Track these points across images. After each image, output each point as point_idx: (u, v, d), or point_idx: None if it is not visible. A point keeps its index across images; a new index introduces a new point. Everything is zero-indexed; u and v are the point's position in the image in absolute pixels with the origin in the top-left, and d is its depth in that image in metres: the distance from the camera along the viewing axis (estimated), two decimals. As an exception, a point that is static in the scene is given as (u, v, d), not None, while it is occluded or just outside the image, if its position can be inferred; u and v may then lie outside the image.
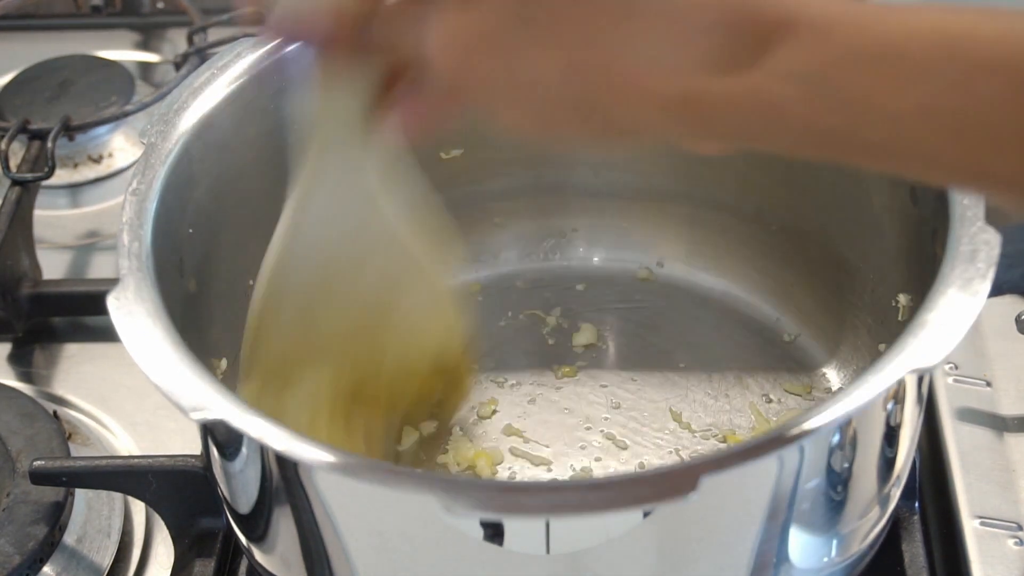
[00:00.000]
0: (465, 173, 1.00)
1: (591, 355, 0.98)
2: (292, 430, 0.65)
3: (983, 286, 0.68)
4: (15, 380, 1.02)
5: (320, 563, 0.73)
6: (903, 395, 0.73)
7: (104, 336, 1.02)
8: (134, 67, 1.29)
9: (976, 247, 0.70)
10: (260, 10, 0.68)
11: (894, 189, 0.83)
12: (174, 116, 0.83)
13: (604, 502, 0.62)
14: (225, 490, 0.78)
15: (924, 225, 0.78)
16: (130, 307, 0.71)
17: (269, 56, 0.88)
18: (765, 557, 0.71)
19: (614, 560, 0.68)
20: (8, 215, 1.03)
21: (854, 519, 0.76)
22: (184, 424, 0.92)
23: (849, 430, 0.70)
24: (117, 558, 0.88)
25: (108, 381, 1.01)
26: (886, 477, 0.76)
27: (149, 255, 0.75)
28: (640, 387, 0.95)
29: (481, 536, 0.66)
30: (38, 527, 0.85)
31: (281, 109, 0.90)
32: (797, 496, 0.70)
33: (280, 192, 0.92)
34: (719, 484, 0.64)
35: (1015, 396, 0.91)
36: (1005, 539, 0.83)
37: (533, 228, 1.03)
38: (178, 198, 0.81)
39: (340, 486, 0.68)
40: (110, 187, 1.19)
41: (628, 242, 1.03)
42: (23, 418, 0.92)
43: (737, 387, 0.94)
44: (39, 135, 1.11)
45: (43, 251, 1.09)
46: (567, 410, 0.94)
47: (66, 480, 0.84)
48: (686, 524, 0.69)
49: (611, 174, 1.01)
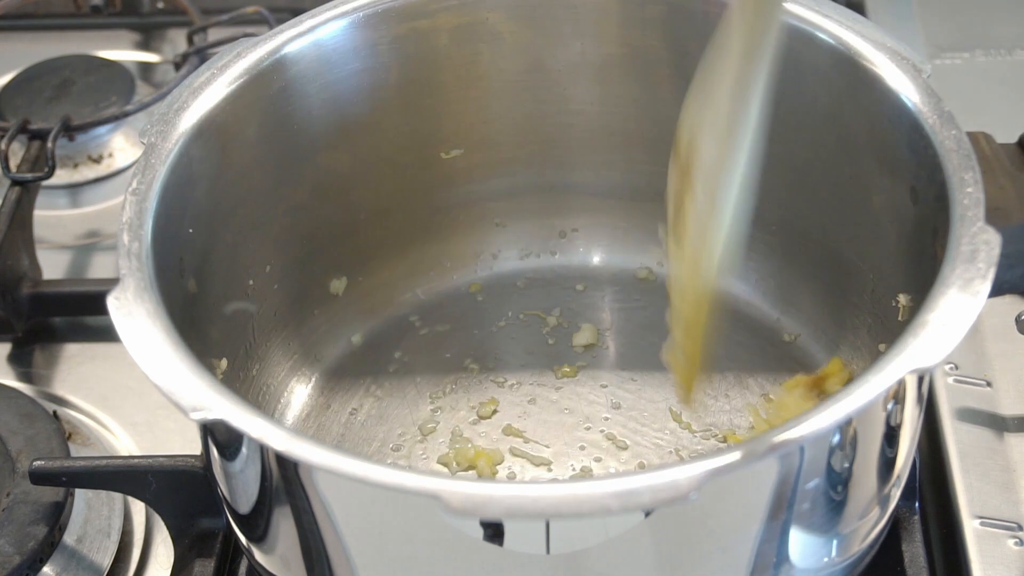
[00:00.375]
0: (465, 173, 1.00)
1: (591, 355, 0.98)
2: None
3: (983, 286, 0.68)
4: (15, 380, 1.02)
5: (320, 563, 0.73)
6: (903, 395, 0.73)
7: (104, 336, 1.03)
8: (134, 67, 1.29)
9: (976, 247, 0.70)
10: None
11: (894, 189, 0.83)
12: (174, 116, 0.83)
13: (604, 502, 0.62)
14: (225, 490, 0.78)
15: (924, 225, 0.78)
16: (130, 307, 0.71)
17: (269, 56, 0.88)
18: (765, 557, 0.71)
19: (614, 560, 0.68)
20: (8, 215, 1.03)
21: (854, 519, 0.76)
22: (184, 424, 0.92)
23: (849, 430, 0.70)
24: (117, 558, 0.89)
25: (108, 381, 1.01)
26: (886, 477, 0.76)
27: (149, 255, 0.75)
28: (640, 387, 0.95)
29: (481, 536, 0.66)
30: (38, 527, 0.85)
31: (281, 109, 0.90)
32: (797, 496, 0.70)
33: (280, 192, 0.92)
34: (719, 484, 0.64)
35: (1015, 396, 0.91)
36: (1005, 539, 0.83)
37: (533, 228, 1.03)
38: (178, 198, 0.81)
39: (340, 486, 0.68)
40: (110, 187, 1.19)
41: (628, 242, 1.03)
42: (23, 418, 0.92)
43: (737, 387, 0.94)
44: (39, 135, 1.11)
45: (43, 251, 1.09)
46: (567, 410, 0.94)
47: (66, 480, 0.84)
48: (686, 524, 0.69)
49: (611, 174, 1.01)
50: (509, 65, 0.96)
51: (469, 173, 1.00)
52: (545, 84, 0.97)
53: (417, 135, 0.97)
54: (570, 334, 0.99)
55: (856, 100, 0.84)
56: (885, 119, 0.82)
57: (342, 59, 0.92)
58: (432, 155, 0.98)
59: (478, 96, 0.97)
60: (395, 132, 0.96)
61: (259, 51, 0.88)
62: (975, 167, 0.75)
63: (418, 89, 0.96)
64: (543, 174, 1.01)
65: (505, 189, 1.01)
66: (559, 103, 0.98)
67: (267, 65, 0.88)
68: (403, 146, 0.97)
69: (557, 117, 0.99)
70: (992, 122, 0.88)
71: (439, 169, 0.99)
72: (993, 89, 1.19)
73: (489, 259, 1.03)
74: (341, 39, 0.91)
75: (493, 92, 0.97)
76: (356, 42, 0.92)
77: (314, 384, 0.96)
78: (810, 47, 0.86)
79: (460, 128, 0.98)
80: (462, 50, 0.95)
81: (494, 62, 0.96)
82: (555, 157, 1.01)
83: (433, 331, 1.00)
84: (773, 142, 0.93)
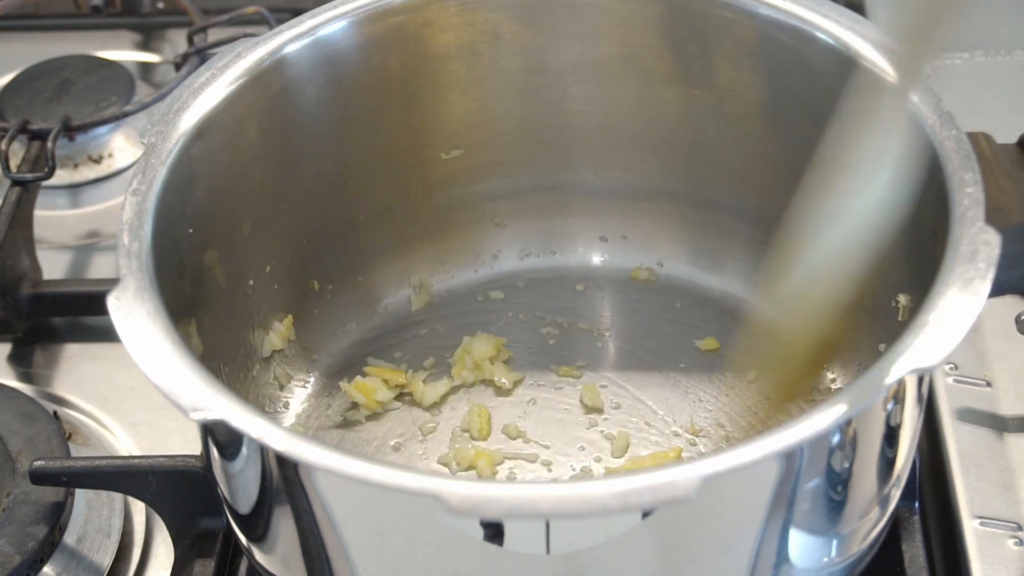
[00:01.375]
0: (465, 173, 1.00)
1: (591, 355, 0.98)
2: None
3: (983, 286, 0.68)
4: (15, 380, 1.02)
5: (320, 563, 0.73)
6: (903, 395, 0.73)
7: (104, 336, 1.03)
8: (134, 67, 1.29)
9: (976, 247, 0.70)
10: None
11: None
12: (174, 116, 0.83)
13: (604, 502, 0.62)
14: (225, 490, 0.78)
15: (924, 225, 0.78)
16: (130, 307, 0.71)
17: (269, 56, 0.88)
18: (765, 557, 0.71)
19: (614, 560, 0.68)
20: (8, 215, 1.03)
21: (854, 519, 0.76)
22: (184, 424, 0.92)
23: (849, 430, 0.70)
24: (117, 558, 0.89)
25: (108, 381, 1.01)
26: (886, 477, 0.76)
27: (149, 255, 0.75)
28: (640, 387, 0.95)
29: (481, 536, 0.66)
30: (38, 527, 0.85)
31: (281, 109, 0.90)
32: (797, 496, 0.70)
33: (280, 192, 0.92)
34: (719, 484, 0.64)
35: (1015, 396, 0.91)
36: (1005, 539, 0.83)
37: (533, 228, 1.03)
38: (178, 198, 0.81)
39: (340, 486, 0.68)
40: (110, 187, 1.19)
41: (628, 242, 1.03)
42: (23, 418, 0.92)
43: (737, 387, 0.94)
44: (39, 135, 1.11)
45: (43, 251, 1.09)
46: (567, 410, 0.94)
47: (66, 480, 0.84)
48: (686, 524, 0.69)
49: (611, 174, 1.01)
50: (509, 65, 0.96)
51: (469, 173, 1.00)
52: (545, 84, 0.97)
53: (417, 135, 0.97)
54: (570, 334, 0.99)
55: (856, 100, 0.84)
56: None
57: (342, 59, 0.92)
58: (432, 155, 0.98)
59: (478, 96, 0.97)
60: (395, 132, 0.96)
61: (259, 51, 0.88)
62: (975, 167, 0.75)
63: (418, 89, 0.96)
64: (543, 174, 1.01)
65: (505, 189, 1.01)
66: (559, 103, 0.98)
67: (267, 65, 0.88)
68: (403, 146, 0.97)
69: (557, 117, 0.99)
70: (992, 122, 0.88)
71: (439, 169, 0.99)
72: (993, 89, 1.19)
73: (489, 259, 1.03)
74: (341, 39, 0.91)
75: (493, 92, 0.97)
76: (356, 42, 0.92)
77: (314, 384, 0.96)
78: (810, 47, 0.86)
79: (460, 128, 0.98)
80: (462, 50, 0.95)
81: (494, 62, 0.96)
82: (555, 157, 1.01)
83: (433, 331, 1.00)
84: (773, 142, 0.94)
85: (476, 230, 1.02)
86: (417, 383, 0.95)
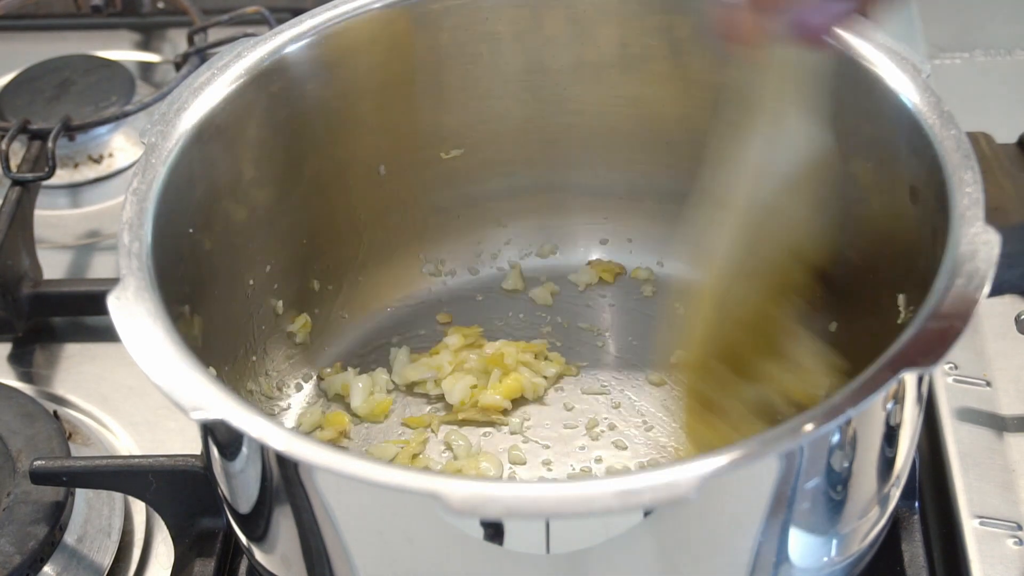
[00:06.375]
0: (465, 173, 1.00)
1: (591, 355, 0.98)
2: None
3: (983, 286, 0.68)
4: (15, 380, 1.02)
5: (320, 563, 0.73)
6: (903, 395, 0.73)
7: (104, 336, 1.03)
8: (134, 67, 1.29)
9: (976, 247, 0.70)
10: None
11: (894, 189, 0.83)
12: (174, 116, 0.83)
13: (604, 502, 0.62)
14: (225, 490, 0.78)
15: (924, 225, 0.78)
16: (130, 307, 0.71)
17: (269, 56, 0.88)
18: (765, 557, 0.72)
19: (614, 560, 0.68)
20: (8, 215, 1.03)
21: (854, 519, 0.76)
22: (184, 424, 0.92)
23: (849, 430, 0.70)
24: (117, 558, 0.89)
25: (108, 381, 1.01)
26: (886, 477, 0.76)
27: (149, 255, 0.75)
28: (640, 387, 0.95)
29: (481, 536, 0.66)
30: (38, 527, 0.85)
31: (281, 109, 0.90)
32: (797, 496, 0.70)
33: (279, 191, 0.92)
34: (719, 484, 0.64)
35: (1015, 396, 0.91)
36: (1005, 539, 0.83)
37: (533, 228, 1.03)
38: (178, 198, 0.81)
39: (340, 486, 0.68)
40: (110, 187, 1.19)
41: (628, 242, 1.03)
42: (23, 418, 0.92)
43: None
44: (39, 135, 1.11)
45: (43, 251, 1.09)
46: (567, 410, 0.94)
47: (66, 480, 0.84)
48: (686, 524, 0.69)
49: (611, 174, 1.01)
50: (509, 65, 0.96)
51: (469, 173, 1.00)
52: (545, 84, 0.97)
53: (417, 135, 0.97)
54: (570, 334, 0.99)
55: (856, 100, 0.84)
56: (885, 119, 0.82)
57: (342, 59, 0.92)
58: (432, 155, 0.99)
59: (478, 96, 0.97)
60: (395, 132, 0.96)
61: (259, 51, 0.88)
62: (975, 167, 0.75)
63: (418, 89, 0.96)
64: (543, 174, 1.01)
65: (505, 189, 1.01)
66: (559, 103, 0.98)
67: (267, 65, 0.88)
68: (403, 146, 0.97)
69: (557, 117, 0.99)
70: (992, 122, 0.89)
71: (439, 169, 0.99)
72: (993, 89, 1.19)
73: (489, 259, 1.03)
74: (341, 39, 0.91)
75: (493, 92, 0.97)
76: (356, 42, 0.92)
77: (314, 384, 0.96)
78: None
79: (460, 128, 0.98)
80: (462, 50, 0.95)
81: (494, 62, 0.96)
82: (555, 157, 1.01)
83: (433, 331, 1.00)
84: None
85: (476, 230, 1.02)
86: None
